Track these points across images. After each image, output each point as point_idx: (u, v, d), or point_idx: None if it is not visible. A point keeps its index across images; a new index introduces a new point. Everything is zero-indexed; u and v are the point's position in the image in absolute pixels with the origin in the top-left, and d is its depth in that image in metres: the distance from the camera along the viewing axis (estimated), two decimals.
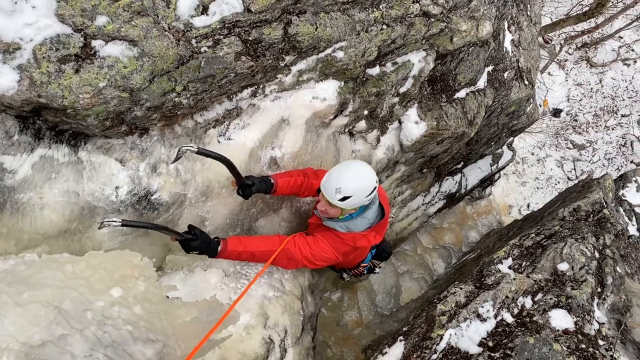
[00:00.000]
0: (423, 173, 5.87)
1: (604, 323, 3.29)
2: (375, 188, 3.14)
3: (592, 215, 4.70)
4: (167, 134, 2.77)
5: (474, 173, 8.24)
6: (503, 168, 9.14)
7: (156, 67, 2.38)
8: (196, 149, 2.64)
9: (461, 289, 3.32)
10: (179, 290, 2.48)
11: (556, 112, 16.39)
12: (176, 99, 2.54)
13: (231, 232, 3.47)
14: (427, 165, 5.65)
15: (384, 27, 3.44)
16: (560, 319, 3.16)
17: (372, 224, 3.36)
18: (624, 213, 6.03)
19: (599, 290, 3.57)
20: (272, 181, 3.28)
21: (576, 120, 16.60)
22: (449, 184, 7.51)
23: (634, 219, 6.16)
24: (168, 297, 2.26)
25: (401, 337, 3.13)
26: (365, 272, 4.45)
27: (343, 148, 4.00)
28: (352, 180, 3.07)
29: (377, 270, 4.60)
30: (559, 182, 15.52)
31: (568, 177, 15.59)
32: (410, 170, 5.30)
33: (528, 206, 14.70)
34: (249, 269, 3.24)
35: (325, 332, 5.64)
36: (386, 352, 3.06)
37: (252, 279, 3.11)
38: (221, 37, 2.61)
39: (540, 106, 15.71)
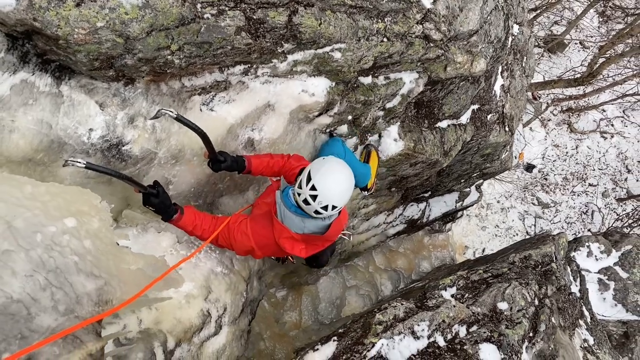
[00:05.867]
0: (391, 192, 5.96)
1: None
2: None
3: (540, 266, 4.86)
4: (152, 90, 2.78)
5: (439, 205, 8.40)
6: (467, 207, 9.33)
7: (157, 21, 2.40)
8: (175, 115, 2.65)
9: (402, 304, 3.40)
10: (130, 241, 2.49)
11: (529, 167, 16.81)
12: (169, 56, 2.56)
13: (193, 202, 3.47)
14: (396, 185, 5.75)
15: (385, 39, 3.52)
16: (489, 353, 3.26)
17: (305, 231, 3.09)
18: (570, 272, 6.23)
19: (531, 334, 3.69)
20: (245, 164, 3.25)
21: (546, 179, 17.05)
22: (413, 210, 7.64)
23: (578, 279, 6.38)
24: (118, 244, 2.26)
25: (335, 338, 3.18)
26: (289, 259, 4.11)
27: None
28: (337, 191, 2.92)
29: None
30: (517, 235, 15.87)
31: (527, 232, 15.98)
32: (379, 185, 5.38)
33: (483, 251, 14.98)
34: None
35: (262, 324, 5.65)
36: (317, 349, 3.11)
37: (204, 250, 3.13)
38: (226, 8, 2.64)
39: (516, 158, 16.11)
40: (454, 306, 3.47)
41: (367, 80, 3.84)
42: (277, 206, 3.05)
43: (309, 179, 2.86)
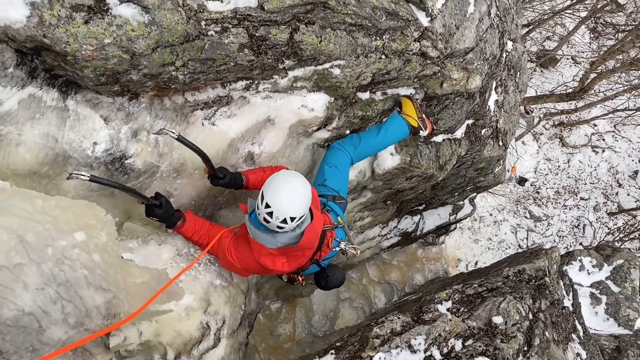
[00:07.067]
0: (386, 205, 6.01)
1: None
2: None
3: (533, 280, 4.91)
4: (155, 104, 2.83)
5: (433, 218, 8.44)
6: (461, 220, 9.39)
7: (162, 38, 2.45)
8: (176, 136, 2.72)
9: (399, 318, 3.43)
10: (133, 254, 2.52)
11: (521, 181, 16.91)
12: (173, 72, 2.61)
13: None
14: (391, 198, 5.80)
15: (383, 57, 3.59)
16: None
17: (278, 245, 3.05)
18: (563, 287, 6.29)
19: (525, 348, 3.73)
20: (243, 181, 3.29)
21: (538, 193, 17.15)
22: (407, 223, 7.68)
23: (571, 294, 6.44)
24: (122, 257, 2.29)
25: (333, 351, 3.21)
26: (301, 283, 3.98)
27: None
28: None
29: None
30: (509, 248, 15.92)
31: (519, 245, 16.03)
32: (375, 199, 5.43)
33: (476, 264, 14.99)
34: None
35: (257, 337, 5.67)
36: None
37: (203, 263, 3.17)
38: (230, 26, 2.70)
39: (508, 171, 16.21)
40: (450, 320, 3.51)
41: (365, 95, 3.91)
42: (248, 229, 3.05)
43: (262, 197, 2.87)
